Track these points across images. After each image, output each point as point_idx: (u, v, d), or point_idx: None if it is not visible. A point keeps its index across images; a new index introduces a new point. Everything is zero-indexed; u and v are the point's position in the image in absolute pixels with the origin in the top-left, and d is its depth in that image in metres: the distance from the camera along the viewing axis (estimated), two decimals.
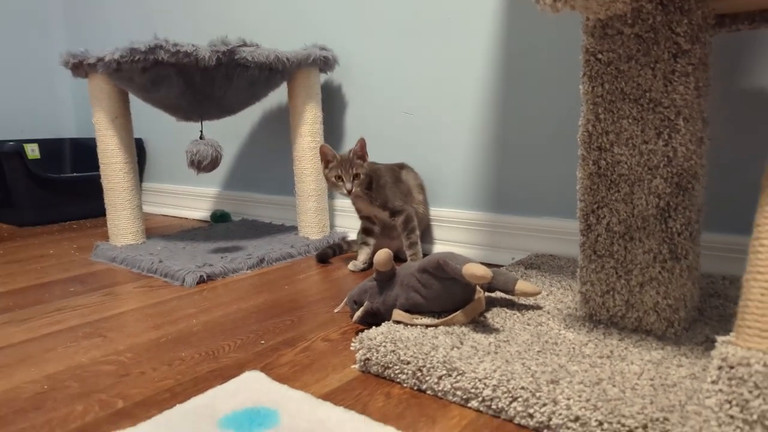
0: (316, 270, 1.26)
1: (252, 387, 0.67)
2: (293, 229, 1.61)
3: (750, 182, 0.97)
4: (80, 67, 1.40)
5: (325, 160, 1.15)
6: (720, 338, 0.52)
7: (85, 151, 2.25)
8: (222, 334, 0.89)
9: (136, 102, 1.52)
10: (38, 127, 2.57)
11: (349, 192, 1.13)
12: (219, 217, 1.82)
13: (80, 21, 2.49)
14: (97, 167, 1.48)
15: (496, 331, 0.77)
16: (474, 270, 0.75)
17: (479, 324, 0.79)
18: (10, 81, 2.46)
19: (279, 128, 1.72)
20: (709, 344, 0.70)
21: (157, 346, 0.85)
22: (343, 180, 1.12)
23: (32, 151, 2.16)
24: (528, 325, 0.79)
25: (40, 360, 0.82)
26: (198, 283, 1.17)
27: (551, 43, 1.14)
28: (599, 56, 0.73)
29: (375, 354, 0.73)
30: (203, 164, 1.23)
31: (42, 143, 2.19)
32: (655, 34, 0.69)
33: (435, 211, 1.36)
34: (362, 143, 1.14)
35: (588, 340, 0.73)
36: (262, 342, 0.85)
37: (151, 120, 2.13)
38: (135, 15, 2.17)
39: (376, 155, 1.47)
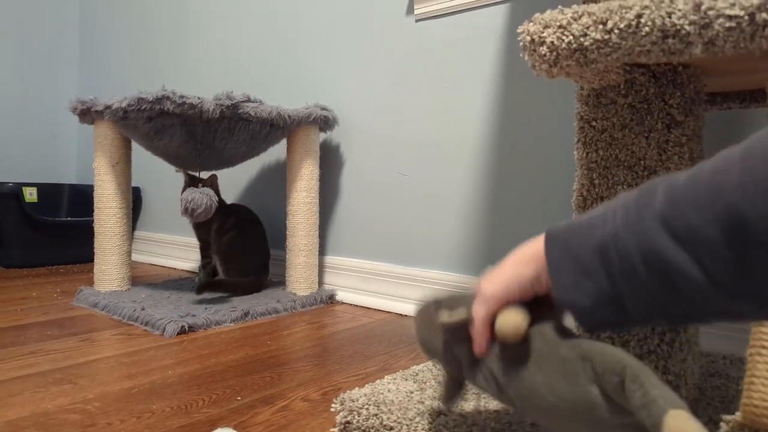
0: (300, 326, 1.22)
1: None
2: (281, 283, 1.58)
3: None
4: (87, 114, 1.42)
5: None
6: (726, 417, 0.49)
7: (82, 197, 2.26)
8: (197, 388, 0.84)
9: (137, 151, 1.54)
10: (40, 171, 2.59)
11: None
12: None
13: (93, 70, 2.57)
14: (91, 213, 1.47)
15: (485, 398, 0.73)
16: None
17: (467, 390, 0.75)
18: (18, 125, 2.51)
19: (275, 183, 1.73)
20: (712, 426, 0.66)
21: (128, 396, 0.81)
22: None
23: (30, 195, 2.16)
24: None
25: (5, 404, 0.77)
26: (179, 334, 1.13)
27: (546, 108, 1.17)
28: (593, 123, 0.74)
29: (356, 417, 0.69)
30: (197, 212, 1.22)
31: (41, 187, 2.19)
32: (649, 105, 0.70)
33: (425, 273, 1.34)
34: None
35: None
36: (239, 398, 0.81)
37: (150, 170, 2.15)
38: (146, 67, 2.24)
39: (371, 212, 1.47)
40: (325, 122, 1.47)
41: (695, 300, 0.37)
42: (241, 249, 1.48)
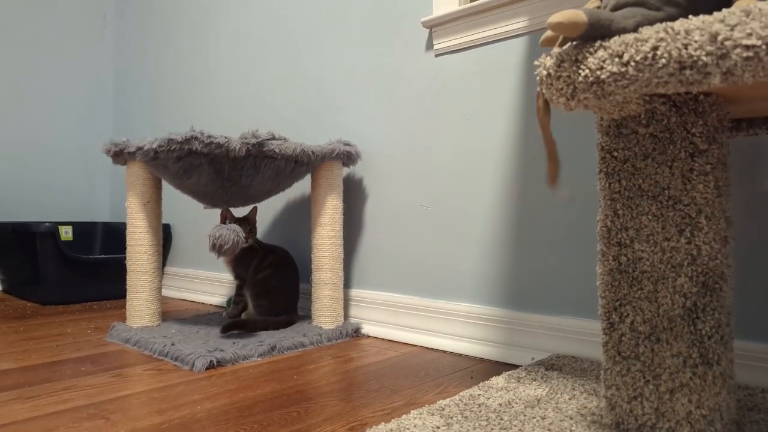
0: (327, 361, 1.22)
1: None
2: (307, 317, 1.59)
3: None
4: (120, 155, 1.48)
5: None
6: None
7: (115, 235, 2.32)
8: (225, 423, 0.85)
9: (166, 190, 1.58)
10: (75, 210, 2.68)
11: None
12: None
13: (125, 113, 2.68)
14: (124, 250, 1.51)
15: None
16: None
17: (495, 426, 0.74)
18: (55, 167, 2.62)
19: (300, 217, 1.76)
20: None
21: None
22: None
23: (66, 233, 2.23)
24: (549, 431, 0.74)
25: None
26: (207, 368, 1.14)
27: (568, 138, 1.17)
28: (615, 154, 0.74)
29: None
30: (224, 248, 1.25)
31: (76, 226, 2.27)
32: (671, 134, 0.70)
33: (451, 305, 1.33)
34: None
35: None
36: None
37: (180, 207, 2.20)
38: (175, 109, 2.33)
39: (395, 245, 1.48)
40: (348, 157, 1.50)
41: None
42: (275, 287, 1.50)
